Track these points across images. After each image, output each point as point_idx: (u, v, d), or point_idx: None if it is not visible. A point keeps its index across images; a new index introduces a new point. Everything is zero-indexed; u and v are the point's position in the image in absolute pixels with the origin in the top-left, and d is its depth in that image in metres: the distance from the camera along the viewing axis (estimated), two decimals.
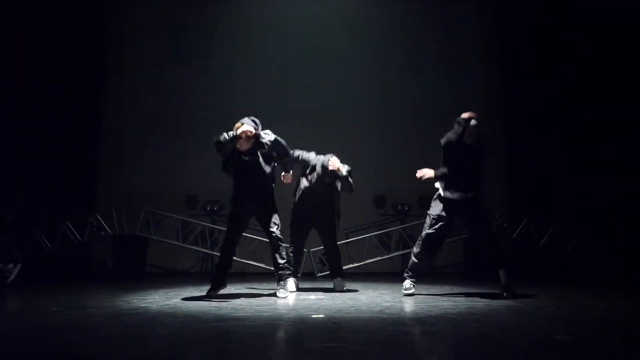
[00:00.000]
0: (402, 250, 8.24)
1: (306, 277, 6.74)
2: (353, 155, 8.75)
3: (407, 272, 5.02)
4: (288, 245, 5.41)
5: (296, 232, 5.60)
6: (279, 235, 4.85)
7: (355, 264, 7.98)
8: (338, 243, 5.80)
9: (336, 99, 9.10)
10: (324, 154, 5.52)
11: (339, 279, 5.55)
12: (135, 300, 4.54)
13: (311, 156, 5.46)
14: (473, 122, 4.69)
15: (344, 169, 5.35)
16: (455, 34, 9.36)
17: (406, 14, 9.36)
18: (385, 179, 8.79)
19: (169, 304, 4.31)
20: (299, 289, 5.44)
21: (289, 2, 9.40)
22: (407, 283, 4.93)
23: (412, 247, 5.18)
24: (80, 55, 8.61)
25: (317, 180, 5.36)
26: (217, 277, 4.87)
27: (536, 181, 8.62)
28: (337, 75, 9.18)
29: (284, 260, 4.87)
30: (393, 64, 9.23)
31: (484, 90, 9.17)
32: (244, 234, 5.30)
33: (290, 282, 5.24)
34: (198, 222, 8.42)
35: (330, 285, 5.68)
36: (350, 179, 5.41)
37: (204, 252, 8.38)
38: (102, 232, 7.99)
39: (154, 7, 9.37)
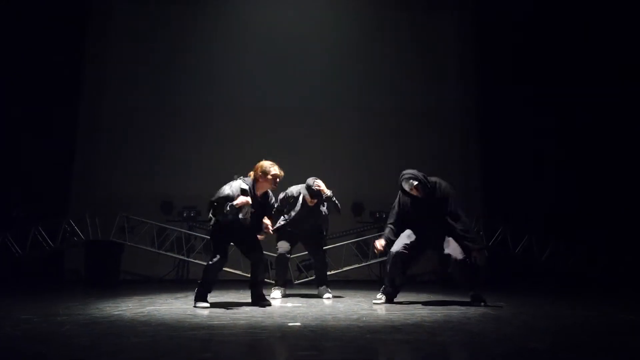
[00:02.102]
0: (379, 257, 8.25)
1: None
2: (331, 163, 8.83)
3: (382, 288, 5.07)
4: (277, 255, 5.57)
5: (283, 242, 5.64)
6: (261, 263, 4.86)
7: (333, 272, 7.96)
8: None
9: (316, 107, 9.12)
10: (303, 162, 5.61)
11: (324, 287, 5.64)
12: (108, 308, 4.46)
13: (292, 189, 5.60)
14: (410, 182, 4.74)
15: (328, 191, 5.43)
16: (435, 41, 9.47)
17: (387, 21, 9.45)
18: (363, 187, 8.82)
19: (142, 312, 4.24)
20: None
21: (271, 5, 9.38)
22: (379, 294, 5.00)
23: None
24: (57, 56, 8.47)
25: (301, 207, 5.49)
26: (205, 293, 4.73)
27: (512, 189, 8.73)
28: (316, 84, 9.20)
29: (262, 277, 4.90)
30: (370, 75, 9.29)
31: (461, 98, 9.28)
32: None
33: (276, 292, 5.51)
34: (174, 228, 8.31)
35: (306, 292, 5.67)
36: (334, 199, 5.48)
37: (180, 259, 8.28)
38: (75, 238, 7.85)
39: (134, 9, 9.27)
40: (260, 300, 4.75)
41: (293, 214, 5.56)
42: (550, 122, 8.59)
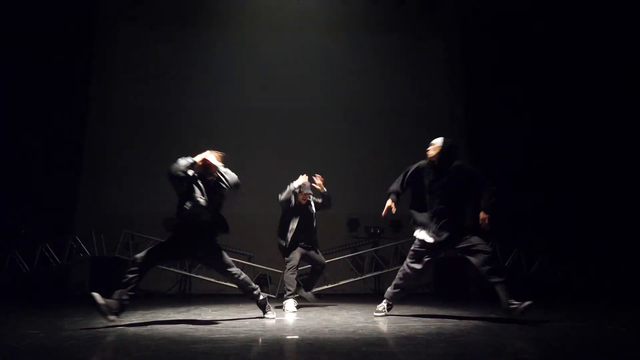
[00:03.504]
0: (374, 271, 8.20)
1: (280, 298, 6.65)
2: (328, 181, 8.82)
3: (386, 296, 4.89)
4: (289, 268, 5.59)
5: (294, 255, 5.69)
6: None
7: (330, 285, 7.91)
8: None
9: (314, 130, 9.13)
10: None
11: (311, 292, 5.76)
12: (112, 323, 4.39)
13: (287, 190, 5.79)
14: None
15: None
16: (424, 64, 9.53)
17: (379, 47, 9.50)
18: (358, 204, 8.79)
19: (145, 326, 4.18)
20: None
21: (271, 26, 9.37)
22: (381, 306, 4.89)
23: (384, 268, 5.14)
24: (64, 75, 8.48)
25: (294, 208, 5.72)
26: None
27: (502, 201, 8.65)
28: (313, 107, 9.22)
29: (253, 286, 4.66)
30: (363, 96, 9.32)
31: (449, 119, 9.31)
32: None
33: (290, 303, 5.46)
34: None
35: (304, 305, 5.62)
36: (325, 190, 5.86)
37: (182, 274, 8.21)
38: (81, 254, 7.78)
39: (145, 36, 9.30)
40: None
41: (294, 224, 5.67)
42: (536, 134, 8.57)
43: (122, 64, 9.21)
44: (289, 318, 4.82)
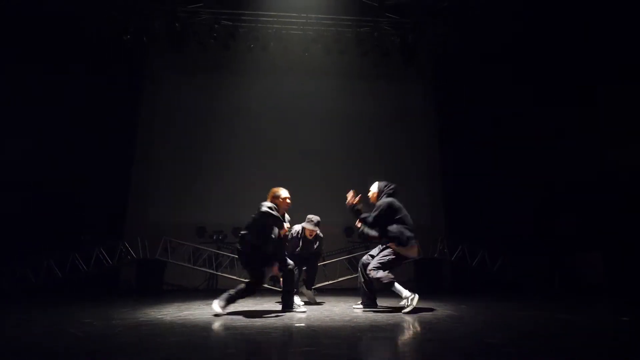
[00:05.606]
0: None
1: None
2: (330, 197, 8.82)
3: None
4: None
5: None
6: None
7: (330, 282, 7.85)
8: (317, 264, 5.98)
9: (316, 153, 9.16)
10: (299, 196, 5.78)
11: (313, 290, 5.62)
12: (153, 313, 4.35)
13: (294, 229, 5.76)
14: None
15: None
16: (405, 100, 9.61)
17: (370, 88, 9.59)
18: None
19: (180, 316, 4.14)
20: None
21: (283, 73, 9.47)
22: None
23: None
24: (120, 107, 8.54)
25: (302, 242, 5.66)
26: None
27: (470, 212, 8.62)
28: (316, 131, 9.27)
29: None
30: (356, 125, 9.39)
31: (426, 149, 9.34)
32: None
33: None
34: (206, 248, 8.23)
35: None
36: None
37: (210, 273, 8.17)
38: (129, 257, 7.75)
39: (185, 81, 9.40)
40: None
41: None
42: (501, 154, 8.55)
43: (166, 98, 9.31)
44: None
